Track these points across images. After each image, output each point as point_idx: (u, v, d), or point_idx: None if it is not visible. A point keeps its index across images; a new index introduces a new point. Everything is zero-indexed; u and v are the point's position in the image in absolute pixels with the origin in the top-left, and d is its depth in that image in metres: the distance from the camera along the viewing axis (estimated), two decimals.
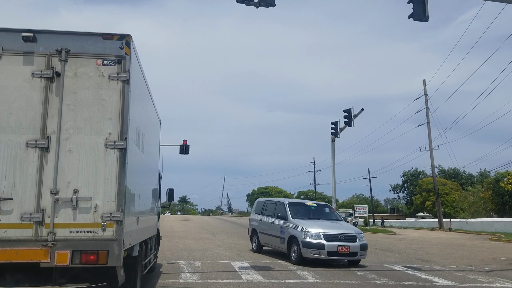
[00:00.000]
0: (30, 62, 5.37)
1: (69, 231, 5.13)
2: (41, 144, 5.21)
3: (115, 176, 5.27)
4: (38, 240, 5.05)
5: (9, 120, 5.22)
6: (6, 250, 4.97)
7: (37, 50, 5.41)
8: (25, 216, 5.07)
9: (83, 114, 5.37)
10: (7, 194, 5.07)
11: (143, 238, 7.18)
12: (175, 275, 9.61)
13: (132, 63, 5.60)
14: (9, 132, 5.20)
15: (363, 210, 43.06)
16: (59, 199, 5.15)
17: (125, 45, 5.53)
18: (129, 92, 5.47)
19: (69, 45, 5.45)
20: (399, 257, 14.69)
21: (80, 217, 5.17)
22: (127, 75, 5.48)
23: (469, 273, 11.13)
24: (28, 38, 5.33)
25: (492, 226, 36.20)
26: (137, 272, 6.33)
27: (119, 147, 5.33)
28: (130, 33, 5.59)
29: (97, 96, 5.42)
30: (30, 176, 5.14)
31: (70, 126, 5.32)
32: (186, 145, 32.46)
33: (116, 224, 5.19)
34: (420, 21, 11.02)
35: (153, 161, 8.77)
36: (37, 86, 5.34)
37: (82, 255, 5.08)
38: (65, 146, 5.26)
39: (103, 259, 5.10)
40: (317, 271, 10.69)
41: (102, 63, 5.48)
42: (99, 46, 5.51)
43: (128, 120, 5.43)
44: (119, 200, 5.24)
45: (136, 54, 6.01)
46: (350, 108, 32.16)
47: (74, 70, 5.44)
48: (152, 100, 8.35)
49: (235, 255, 13.96)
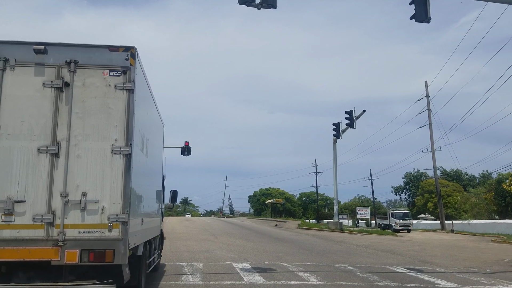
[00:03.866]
0: (41, 73, 5.74)
1: (78, 231, 5.48)
2: (52, 150, 5.57)
3: (120, 180, 5.62)
4: (49, 240, 5.41)
5: (22, 128, 5.59)
6: (20, 249, 5.33)
7: (48, 62, 5.77)
8: (37, 217, 5.43)
9: (91, 121, 5.73)
10: (20, 196, 5.43)
11: (147, 238, 7.52)
12: (177, 276, 9.64)
13: (136, 73, 5.95)
14: (22, 139, 5.56)
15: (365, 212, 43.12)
16: (68, 201, 5.50)
17: (130, 57, 5.89)
18: (133, 101, 5.83)
19: (77, 57, 5.82)
20: (401, 259, 14.65)
21: (88, 218, 5.52)
22: (132, 85, 5.83)
23: (471, 275, 11.06)
24: (39, 50, 5.69)
25: (494, 227, 36.19)
26: (141, 270, 6.68)
27: (125, 152, 5.68)
28: (135, 45, 5.95)
29: (104, 105, 5.78)
30: (42, 180, 5.50)
31: (78, 133, 5.68)
32: (188, 147, 32.72)
33: (122, 225, 5.54)
34: (422, 22, 10.99)
35: (157, 164, 9.12)
36: (48, 96, 5.70)
37: (90, 253, 5.43)
38: (74, 152, 5.62)
39: (109, 258, 5.45)
40: (319, 273, 10.69)
41: (108, 73, 5.84)
42: (106, 58, 5.87)
43: (133, 127, 5.78)
44: (125, 202, 5.59)
45: (141, 64, 6.36)
46: (352, 109, 32.40)
47: (83, 80, 5.81)
48: (156, 106, 8.70)
49: (237, 256, 13.98)
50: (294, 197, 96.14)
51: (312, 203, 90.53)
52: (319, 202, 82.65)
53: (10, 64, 5.68)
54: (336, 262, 12.92)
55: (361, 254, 15.79)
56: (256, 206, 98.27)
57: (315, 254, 15.29)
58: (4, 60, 5.67)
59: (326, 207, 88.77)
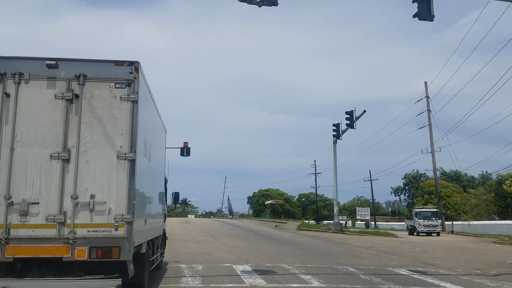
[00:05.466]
0: (53, 86, 6.30)
1: (87, 231, 6.02)
2: (63, 156, 6.12)
3: (126, 183, 6.17)
4: (61, 238, 5.95)
5: (36, 136, 6.15)
6: (34, 246, 5.88)
7: (59, 76, 6.33)
8: (50, 217, 5.97)
9: (99, 130, 6.28)
10: (35, 199, 5.99)
11: (150, 237, 8.05)
12: (176, 279, 9.52)
13: (140, 85, 6.50)
14: (35, 146, 6.12)
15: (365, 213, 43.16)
16: (78, 203, 6.05)
17: (134, 70, 6.44)
18: (137, 111, 6.38)
19: (86, 71, 6.37)
20: (403, 261, 14.53)
21: (96, 219, 6.08)
22: (136, 96, 6.38)
23: (476, 277, 10.93)
24: (51, 65, 6.24)
25: (494, 229, 36.16)
26: (145, 267, 7.21)
27: (129, 158, 6.23)
28: (138, 60, 6.49)
29: (110, 115, 6.33)
30: (54, 184, 6.06)
31: (87, 140, 6.23)
32: (187, 147, 32.52)
33: (127, 225, 6.08)
34: (425, 20, 10.84)
35: (159, 167, 9.65)
36: (59, 107, 6.26)
37: (98, 251, 5.97)
38: (83, 158, 6.18)
39: (116, 254, 5.99)
40: (321, 275, 10.54)
41: (114, 86, 6.39)
42: (112, 72, 6.42)
43: (136, 134, 6.33)
44: (129, 204, 6.13)
45: (144, 76, 6.90)
46: (352, 109, 32.36)
47: (91, 92, 6.36)
48: (158, 113, 9.23)
49: (237, 258, 13.85)
50: (293, 198, 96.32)
51: (311, 204, 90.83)
52: (318, 203, 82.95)
53: (25, 78, 6.24)
54: (337, 264, 12.89)
55: (363, 256, 15.73)
56: (255, 207, 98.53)
57: (316, 256, 15.26)
58: (19, 74, 6.22)
59: (325, 208, 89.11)
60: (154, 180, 8.77)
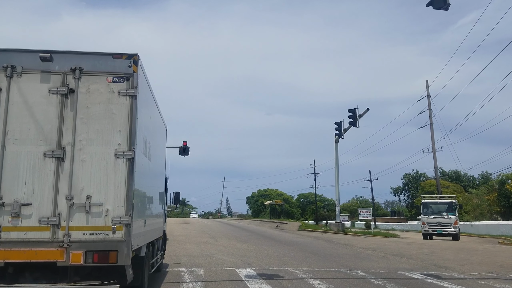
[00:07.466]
0: (47, 80, 5.92)
1: (83, 233, 5.65)
2: (57, 154, 5.74)
3: (124, 183, 5.79)
4: (55, 242, 5.58)
5: (29, 133, 5.77)
6: (26, 250, 5.51)
7: (53, 69, 5.95)
8: (43, 219, 5.60)
9: (95, 127, 5.90)
10: (27, 199, 5.61)
11: (150, 239, 7.69)
12: (176, 284, 9.05)
13: (139, 80, 6.13)
14: (28, 144, 5.74)
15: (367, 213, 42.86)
16: (73, 204, 5.67)
17: (133, 64, 6.07)
18: (136, 106, 6.00)
19: (82, 64, 6.00)
20: (413, 263, 14.04)
21: (93, 221, 5.69)
22: (135, 91, 6.01)
23: (494, 282, 10.45)
24: (45, 58, 5.86)
25: (498, 229, 35.80)
26: (144, 271, 6.84)
27: (128, 156, 5.86)
28: (138, 53, 6.13)
29: (108, 110, 5.95)
30: (48, 183, 5.68)
31: (83, 138, 5.86)
32: (186, 147, 32.26)
33: (125, 227, 5.71)
34: (440, 9, 10.44)
35: (160, 166, 9.28)
36: (53, 102, 5.88)
37: (94, 255, 5.60)
38: (79, 156, 5.80)
39: (113, 259, 5.62)
40: (330, 280, 10.06)
41: (112, 80, 6.01)
42: (109, 65, 6.05)
43: (135, 132, 5.96)
44: (128, 205, 5.76)
45: (143, 70, 6.54)
46: (355, 108, 31.91)
47: (87, 87, 5.98)
48: (158, 109, 8.87)
49: (240, 261, 13.34)
50: (292, 198, 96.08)
51: (310, 204, 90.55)
52: (318, 203, 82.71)
53: (17, 71, 5.86)
54: (346, 267, 12.41)
55: (370, 258, 15.32)
56: (254, 207, 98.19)
57: (322, 258, 14.88)
58: (12, 67, 5.84)
59: (325, 208, 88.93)
60: (154, 179, 8.41)
